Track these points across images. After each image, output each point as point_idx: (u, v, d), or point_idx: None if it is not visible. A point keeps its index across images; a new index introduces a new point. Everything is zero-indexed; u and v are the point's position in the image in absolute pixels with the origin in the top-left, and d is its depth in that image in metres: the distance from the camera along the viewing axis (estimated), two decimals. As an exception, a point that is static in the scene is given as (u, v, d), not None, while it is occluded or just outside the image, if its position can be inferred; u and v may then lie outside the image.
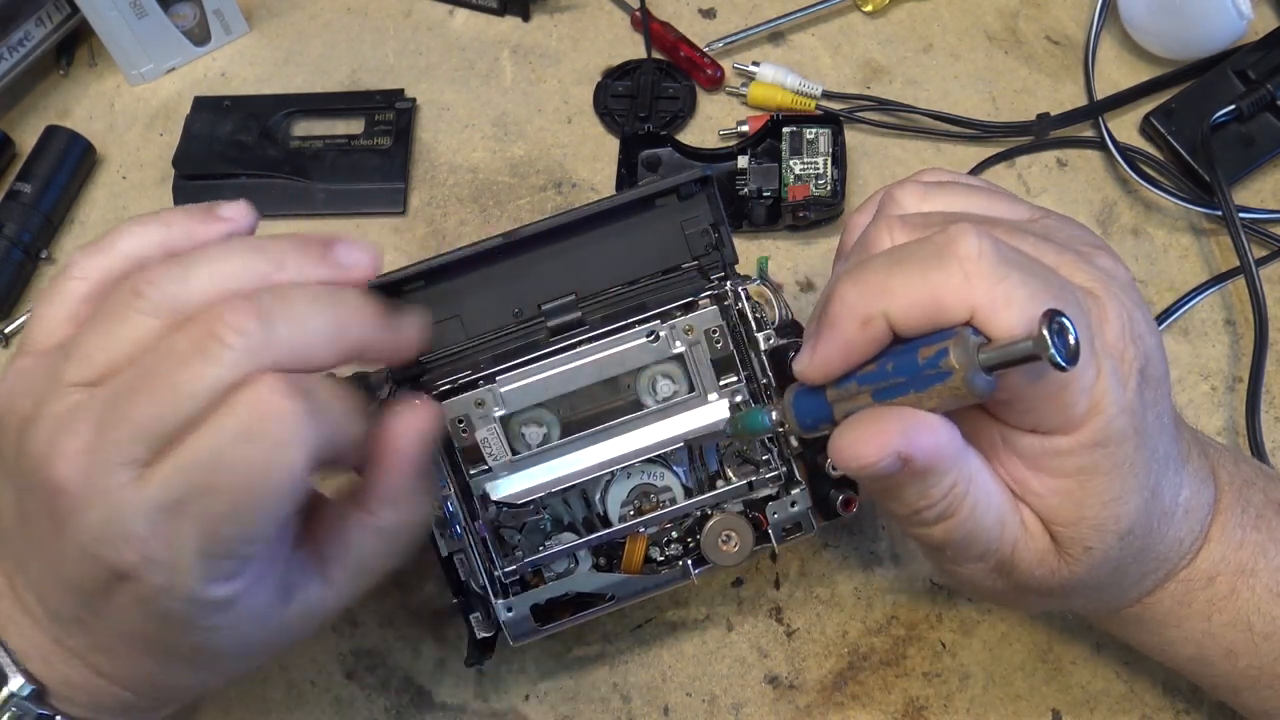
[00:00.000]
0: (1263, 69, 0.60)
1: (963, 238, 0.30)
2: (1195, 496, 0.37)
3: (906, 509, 0.34)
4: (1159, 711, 0.48)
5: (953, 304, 0.30)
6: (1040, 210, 0.38)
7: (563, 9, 0.68)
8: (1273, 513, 0.39)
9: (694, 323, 0.44)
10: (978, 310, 0.30)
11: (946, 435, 0.32)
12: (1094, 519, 0.33)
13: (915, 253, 0.32)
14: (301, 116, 0.64)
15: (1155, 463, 0.34)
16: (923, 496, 0.33)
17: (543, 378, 0.44)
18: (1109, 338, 0.32)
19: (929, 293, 0.30)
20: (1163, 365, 0.34)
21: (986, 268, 0.30)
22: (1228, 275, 0.57)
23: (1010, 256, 0.31)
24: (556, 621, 0.45)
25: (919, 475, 0.32)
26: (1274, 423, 0.54)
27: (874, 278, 0.32)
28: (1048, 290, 0.30)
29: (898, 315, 0.31)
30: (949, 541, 0.34)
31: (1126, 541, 0.34)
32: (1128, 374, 0.32)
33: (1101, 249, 0.35)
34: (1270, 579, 0.38)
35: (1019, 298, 0.30)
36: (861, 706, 0.49)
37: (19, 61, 0.64)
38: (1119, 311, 0.32)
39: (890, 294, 0.31)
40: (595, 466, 0.44)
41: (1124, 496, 0.33)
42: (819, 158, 0.59)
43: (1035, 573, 0.35)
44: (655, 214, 0.46)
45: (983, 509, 0.33)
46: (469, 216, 0.62)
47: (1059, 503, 0.33)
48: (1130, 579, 0.37)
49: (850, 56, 0.66)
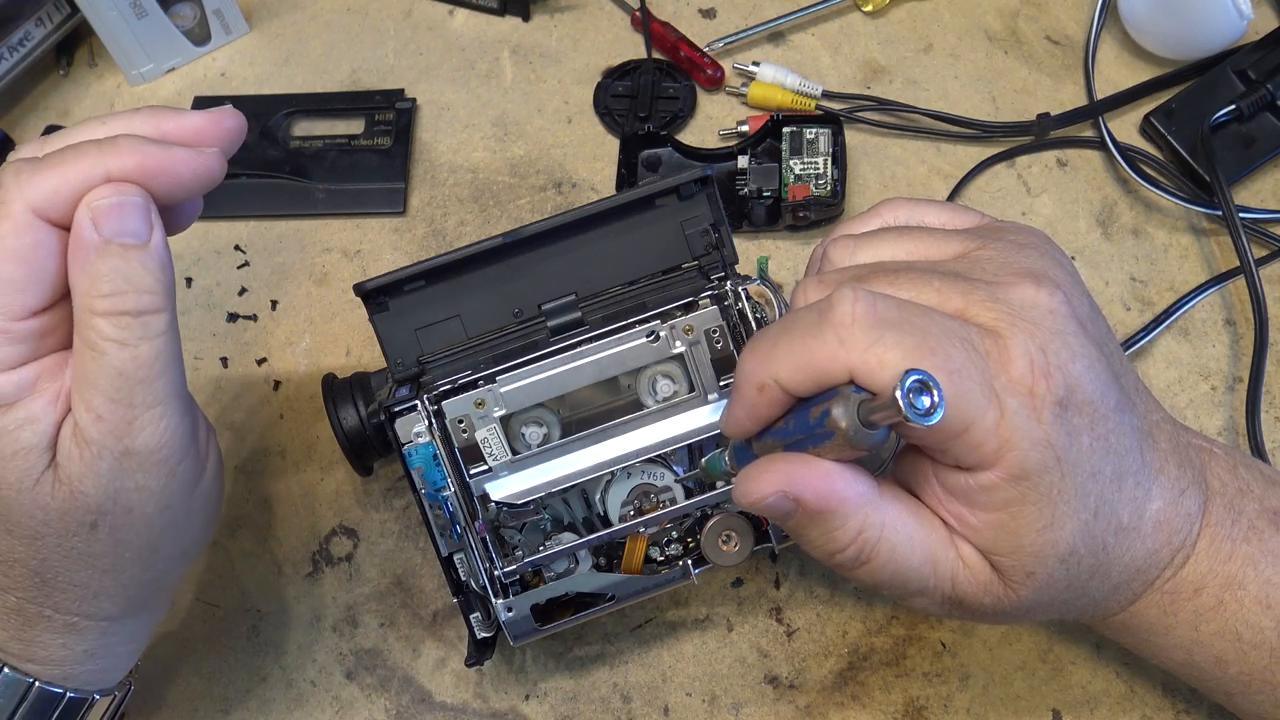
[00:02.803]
0: (1263, 69, 0.60)
1: (839, 305, 0.33)
2: (1170, 508, 0.37)
3: (819, 551, 0.36)
4: (1159, 711, 0.48)
5: (831, 368, 0.32)
6: (978, 240, 0.38)
7: (563, 9, 0.68)
8: (1266, 523, 0.39)
9: (694, 323, 0.44)
10: (855, 372, 0.32)
11: (841, 482, 0.34)
12: (1030, 547, 0.34)
13: (799, 321, 0.34)
14: (301, 116, 0.64)
15: (1094, 483, 0.34)
16: (828, 539, 0.35)
17: (543, 378, 0.44)
18: (1013, 375, 0.33)
19: (808, 359, 0.33)
20: (1100, 388, 0.34)
21: (859, 332, 0.32)
22: (1228, 275, 0.57)
23: (887, 316, 0.32)
24: (556, 621, 0.45)
25: (816, 517, 0.34)
26: (1274, 423, 0.54)
27: (765, 346, 0.34)
28: (920, 347, 0.32)
29: (786, 380, 0.34)
30: (878, 583, 0.36)
31: (1070, 563, 0.35)
32: (1040, 407, 0.33)
33: (1027, 278, 0.35)
34: (1259, 591, 0.38)
35: (891, 358, 0.31)
36: (861, 707, 0.49)
37: (19, 61, 0.64)
38: (1024, 347, 0.33)
39: (778, 361, 0.34)
40: (595, 466, 0.44)
41: (1057, 523, 0.34)
42: (819, 158, 0.59)
43: (983, 601, 0.36)
44: (655, 214, 0.46)
45: (904, 552, 0.35)
46: (469, 216, 0.62)
47: (994, 534, 0.34)
48: (1098, 592, 0.38)
49: (850, 56, 0.66)
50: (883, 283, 0.35)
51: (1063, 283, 0.36)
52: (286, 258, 0.61)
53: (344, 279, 0.60)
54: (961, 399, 0.32)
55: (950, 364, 0.32)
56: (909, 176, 0.62)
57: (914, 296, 0.35)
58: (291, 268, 0.61)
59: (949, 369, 0.32)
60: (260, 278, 0.61)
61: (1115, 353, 0.37)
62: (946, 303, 0.34)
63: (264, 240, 0.62)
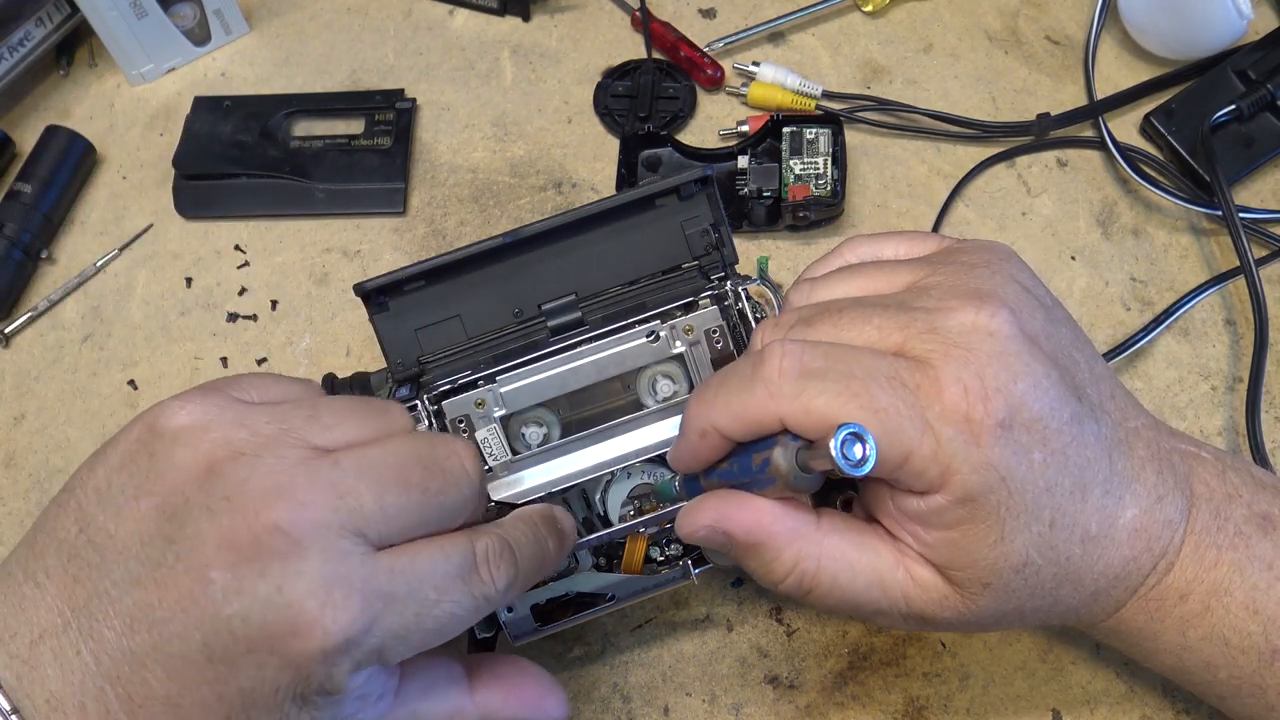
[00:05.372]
0: (1263, 69, 0.60)
1: (768, 359, 0.35)
2: (1146, 516, 0.37)
3: (762, 579, 0.37)
4: (1159, 712, 0.48)
5: (763, 418, 0.35)
6: (928, 267, 0.39)
7: (563, 9, 0.68)
8: (1253, 528, 0.38)
9: (694, 323, 0.44)
10: (785, 420, 0.34)
11: (769, 518, 0.36)
12: (984, 561, 0.35)
13: (735, 373, 0.36)
14: (301, 116, 0.64)
15: (1050, 497, 0.35)
16: (767, 570, 0.37)
17: (543, 378, 0.44)
18: (946, 404, 0.34)
19: (743, 409, 0.35)
20: (1048, 404, 0.35)
21: (785, 384, 0.34)
22: (1228, 275, 0.57)
23: (812, 366, 0.34)
24: (556, 621, 0.45)
25: (750, 549, 0.36)
26: (1274, 423, 0.54)
27: (707, 395, 0.36)
28: (844, 392, 0.34)
29: (724, 427, 0.36)
30: (830, 609, 0.38)
31: (1026, 574, 0.36)
32: (978, 432, 0.33)
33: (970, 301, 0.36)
34: (1245, 597, 0.38)
35: (816, 405, 0.33)
36: (861, 707, 0.49)
37: (19, 61, 0.64)
38: (956, 375, 0.34)
39: (717, 411, 0.36)
40: (595, 466, 0.44)
41: (1007, 537, 0.35)
42: (819, 158, 0.59)
43: (943, 615, 0.37)
44: (655, 214, 0.46)
45: (845, 579, 0.36)
46: (469, 216, 0.62)
47: (948, 551, 0.35)
48: (1074, 599, 0.38)
49: (850, 56, 0.66)
50: (827, 324, 0.37)
51: (1011, 300, 0.36)
52: (286, 258, 0.61)
53: (344, 279, 0.60)
54: (892, 435, 0.33)
55: (876, 403, 0.33)
56: (909, 176, 0.62)
57: (854, 336, 0.36)
58: (291, 268, 0.61)
59: (875, 408, 0.33)
60: (260, 278, 0.61)
61: (1082, 363, 0.37)
62: (885, 339, 0.36)
63: (264, 240, 0.62)
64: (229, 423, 0.33)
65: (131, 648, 0.31)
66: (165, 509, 0.32)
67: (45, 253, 0.61)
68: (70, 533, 0.33)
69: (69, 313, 0.61)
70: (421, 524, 0.33)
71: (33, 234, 0.61)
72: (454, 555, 0.34)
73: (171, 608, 0.31)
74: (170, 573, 0.31)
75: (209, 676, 0.31)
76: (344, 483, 0.32)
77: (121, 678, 0.31)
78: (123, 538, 0.32)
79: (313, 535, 0.31)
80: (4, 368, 0.59)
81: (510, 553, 0.36)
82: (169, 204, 0.63)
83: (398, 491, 0.32)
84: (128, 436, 0.33)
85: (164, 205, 0.63)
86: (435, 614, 0.33)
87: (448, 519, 0.34)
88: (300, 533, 0.31)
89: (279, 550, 0.30)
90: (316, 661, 0.31)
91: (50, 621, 0.32)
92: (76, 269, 0.62)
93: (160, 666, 0.31)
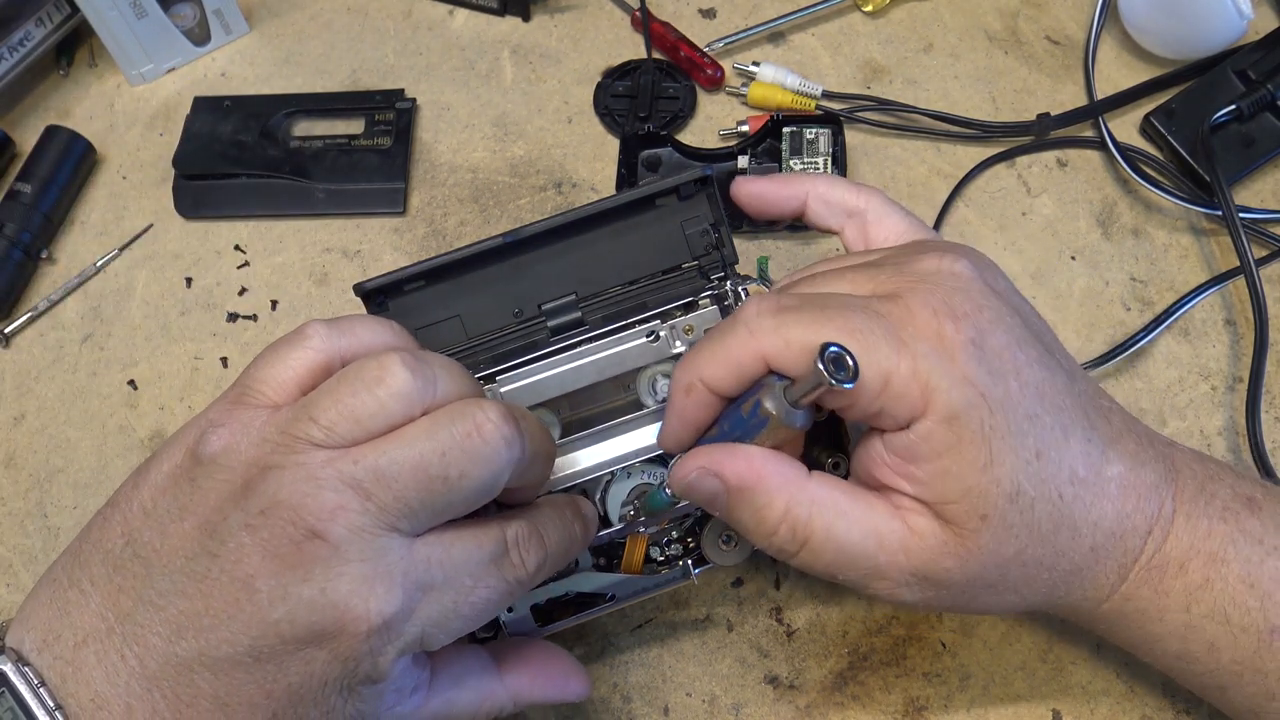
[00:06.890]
0: (1263, 69, 0.60)
1: (747, 305, 0.37)
2: (1132, 474, 0.38)
3: (755, 536, 0.38)
4: (1159, 711, 0.48)
5: (746, 358, 0.36)
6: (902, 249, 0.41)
7: (563, 9, 0.68)
8: (1240, 505, 0.39)
9: (694, 323, 0.44)
10: (767, 355, 0.36)
11: (761, 462, 0.37)
12: (976, 486, 0.35)
13: (718, 329, 0.38)
14: (301, 116, 0.64)
15: (1033, 426, 0.36)
16: (759, 520, 0.37)
17: (543, 378, 0.44)
18: (918, 325, 0.35)
19: (725, 354, 0.37)
20: (1013, 337, 0.36)
21: (765, 321, 0.36)
22: (1228, 275, 0.57)
23: (788, 304, 0.36)
24: (556, 621, 0.45)
25: (742, 495, 0.37)
26: (1274, 423, 0.54)
27: (690, 355, 0.38)
28: (819, 319, 0.35)
29: (709, 378, 0.37)
30: (828, 567, 0.37)
31: (1020, 503, 0.36)
32: (952, 349, 0.35)
33: (933, 252, 0.38)
34: (1241, 570, 0.38)
35: (795, 334, 0.35)
36: (861, 707, 0.49)
37: (19, 61, 0.64)
38: (925, 301, 0.36)
39: (700, 363, 0.37)
40: (595, 466, 0.44)
41: (997, 459, 0.35)
42: (819, 158, 0.59)
43: (946, 565, 0.37)
44: (655, 214, 0.46)
45: (841, 529, 0.37)
46: (469, 216, 0.62)
47: (941, 482, 0.36)
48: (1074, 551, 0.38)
49: (850, 56, 0.66)
50: (803, 285, 0.39)
51: (975, 261, 0.38)
52: (286, 258, 0.61)
53: (344, 279, 0.60)
54: (869, 352, 0.34)
55: (851, 325, 0.35)
56: (909, 176, 0.62)
57: (828, 288, 0.38)
58: (291, 268, 0.61)
59: (850, 329, 0.35)
60: (260, 278, 0.61)
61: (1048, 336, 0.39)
62: (858, 289, 0.38)
63: (264, 240, 0.62)
64: (254, 441, 0.34)
65: (177, 653, 0.32)
66: (207, 527, 0.33)
67: (45, 253, 0.61)
68: (116, 545, 0.34)
69: (69, 313, 0.61)
70: (448, 508, 0.34)
71: (33, 234, 0.61)
72: (487, 543, 0.35)
73: (218, 615, 0.32)
74: (215, 584, 0.32)
75: (257, 677, 0.32)
76: (366, 482, 0.32)
77: (168, 679, 0.32)
78: (168, 552, 0.33)
79: (349, 537, 0.32)
80: (4, 368, 0.59)
81: (539, 536, 0.37)
82: (169, 204, 0.63)
83: (418, 486, 0.33)
84: (171, 460, 0.35)
85: (164, 205, 0.63)
86: (471, 600, 0.35)
87: (476, 498, 0.35)
88: (336, 537, 0.32)
89: (319, 556, 0.32)
90: (363, 651, 0.32)
91: (94, 626, 0.33)
92: (76, 269, 0.62)
93: (208, 670, 0.32)
